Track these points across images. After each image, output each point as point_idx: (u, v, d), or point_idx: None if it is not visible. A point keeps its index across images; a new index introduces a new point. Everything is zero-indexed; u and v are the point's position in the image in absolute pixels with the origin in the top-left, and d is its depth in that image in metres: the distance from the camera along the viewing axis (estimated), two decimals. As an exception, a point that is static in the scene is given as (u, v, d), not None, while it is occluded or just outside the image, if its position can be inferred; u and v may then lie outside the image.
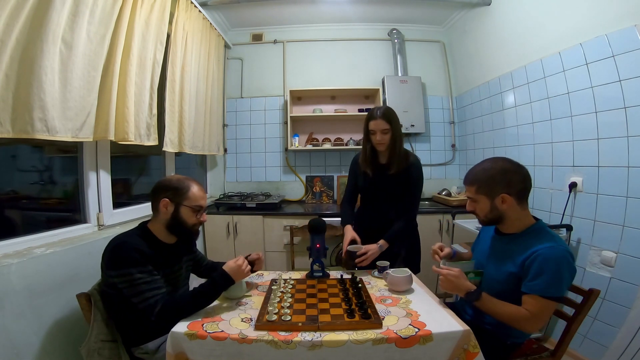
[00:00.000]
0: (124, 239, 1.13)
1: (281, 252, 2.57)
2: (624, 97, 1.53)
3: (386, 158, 1.63)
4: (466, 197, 1.20)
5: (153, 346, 1.17)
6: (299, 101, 3.20)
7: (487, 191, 1.12)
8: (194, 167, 2.99)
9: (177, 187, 1.19)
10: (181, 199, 1.19)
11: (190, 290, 1.14)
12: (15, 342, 1.10)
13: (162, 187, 1.20)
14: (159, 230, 1.21)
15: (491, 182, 1.11)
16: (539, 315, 1.01)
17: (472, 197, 1.16)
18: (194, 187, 1.22)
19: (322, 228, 1.51)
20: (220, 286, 1.14)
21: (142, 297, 1.05)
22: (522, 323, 1.02)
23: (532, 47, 2.12)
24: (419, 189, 1.65)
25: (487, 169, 1.14)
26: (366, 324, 1.00)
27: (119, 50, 1.53)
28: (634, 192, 1.52)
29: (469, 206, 1.20)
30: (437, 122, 3.24)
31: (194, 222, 1.22)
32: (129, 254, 1.07)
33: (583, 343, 1.71)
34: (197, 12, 2.38)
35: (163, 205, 1.18)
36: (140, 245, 1.10)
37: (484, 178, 1.13)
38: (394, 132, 1.56)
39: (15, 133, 1.10)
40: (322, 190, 3.15)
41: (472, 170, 1.19)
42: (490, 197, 1.11)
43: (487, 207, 1.13)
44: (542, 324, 1.05)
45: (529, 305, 1.02)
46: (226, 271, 1.15)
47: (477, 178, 1.15)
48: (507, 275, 1.10)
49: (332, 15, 3.05)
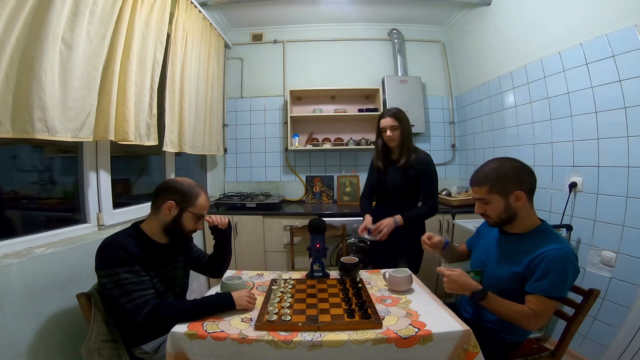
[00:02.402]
0: (111, 238, 1.12)
1: (281, 252, 2.57)
2: (624, 97, 1.53)
3: (397, 154, 1.81)
4: (475, 199, 1.16)
5: (153, 346, 1.17)
6: (299, 101, 3.20)
7: (501, 189, 1.09)
8: (194, 167, 2.99)
9: (187, 193, 1.20)
10: (187, 205, 1.19)
11: (189, 300, 1.14)
12: (15, 341, 1.10)
13: (171, 189, 1.20)
14: (154, 230, 1.20)
15: (504, 179, 1.09)
16: (541, 315, 1.02)
17: (484, 198, 1.12)
18: (203, 196, 1.23)
19: (322, 228, 1.51)
20: (221, 307, 1.11)
21: (128, 297, 1.05)
22: (525, 321, 1.03)
23: (532, 47, 2.12)
24: (434, 182, 1.79)
25: (497, 167, 1.11)
26: (366, 324, 1.00)
27: (119, 50, 1.53)
28: (634, 192, 1.52)
29: (479, 208, 1.16)
30: (437, 122, 3.24)
31: (192, 229, 1.23)
32: (115, 253, 1.06)
33: (583, 343, 1.71)
34: (197, 12, 2.38)
35: (167, 206, 1.17)
36: (129, 245, 1.10)
37: (495, 177, 1.10)
38: (403, 129, 1.74)
39: (15, 133, 1.10)
40: (322, 190, 3.15)
41: (479, 171, 1.15)
42: (504, 196, 1.09)
43: (501, 207, 1.10)
44: (544, 322, 1.06)
45: (532, 304, 1.02)
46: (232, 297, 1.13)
47: (488, 178, 1.11)
48: (512, 275, 1.10)
49: (332, 15, 3.05)
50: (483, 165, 1.17)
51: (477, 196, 1.15)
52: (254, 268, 1.67)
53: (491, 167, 1.13)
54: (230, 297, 1.12)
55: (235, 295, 1.14)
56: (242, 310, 1.12)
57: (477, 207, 1.18)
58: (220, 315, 1.09)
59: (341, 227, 2.32)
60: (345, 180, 3.10)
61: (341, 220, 2.43)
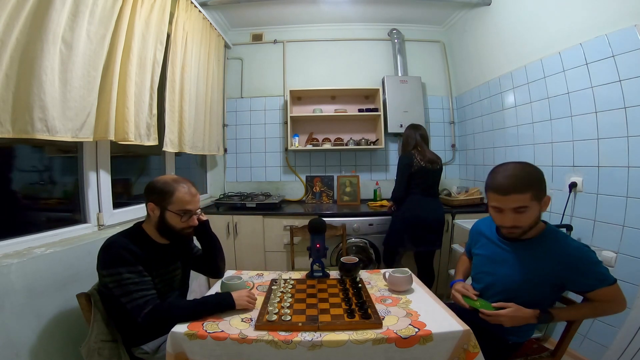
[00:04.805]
0: (115, 238, 1.12)
1: (281, 252, 2.57)
2: (624, 97, 1.53)
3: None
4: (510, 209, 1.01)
5: (153, 346, 1.17)
6: (299, 101, 3.20)
7: (538, 195, 1.01)
8: (194, 167, 3.00)
9: (161, 191, 1.15)
10: (166, 203, 1.15)
11: (189, 300, 1.14)
12: (15, 341, 1.10)
13: (149, 190, 1.18)
14: (152, 230, 1.20)
15: (540, 184, 1.02)
16: (617, 299, 1.03)
17: (525, 206, 1.00)
18: (180, 190, 1.16)
19: (322, 228, 1.51)
20: (221, 307, 1.11)
21: (130, 297, 1.04)
22: (608, 311, 1.06)
23: (532, 47, 2.12)
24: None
25: (529, 172, 1.02)
26: (366, 324, 1.00)
27: (119, 50, 1.53)
28: (634, 192, 1.52)
29: (513, 220, 1.02)
30: (437, 122, 3.24)
31: (181, 227, 1.19)
32: (118, 253, 1.06)
33: (583, 343, 1.71)
34: (197, 12, 2.38)
35: (150, 209, 1.17)
36: (131, 245, 1.10)
37: (537, 181, 1.01)
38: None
39: (15, 133, 1.10)
40: (322, 190, 3.15)
41: (512, 176, 1.01)
42: (539, 202, 1.02)
43: (536, 214, 1.03)
44: (625, 302, 1.04)
45: (602, 296, 1.02)
46: (232, 297, 1.12)
47: (530, 183, 1.00)
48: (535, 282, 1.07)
49: (332, 15, 3.05)
50: (505, 169, 1.04)
51: (516, 205, 1.00)
52: (254, 268, 1.67)
53: (526, 171, 1.02)
54: (230, 297, 1.12)
55: (235, 295, 1.13)
56: (242, 311, 1.12)
57: (510, 219, 1.02)
58: (220, 315, 1.08)
59: (341, 227, 2.32)
60: (345, 180, 3.10)
61: (341, 220, 2.43)
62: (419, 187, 2.21)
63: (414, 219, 2.18)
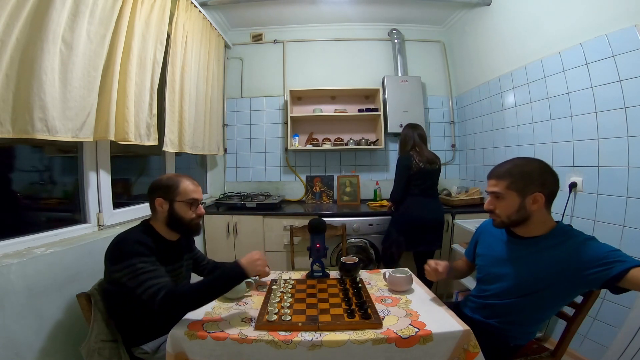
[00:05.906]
0: (126, 234, 1.14)
1: (281, 252, 2.57)
2: (624, 97, 1.53)
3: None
4: (489, 193, 1.10)
5: (153, 346, 1.17)
6: (299, 101, 3.20)
7: (521, 187, 1.03)
8: (194, 167, 2.99)
9: (167, 185, 1.22)
10: (174, 195, 1.20)
11: (197, 282, 1.07)
12: (15, 341, 1.09)
13: (155, 187, 1.23)
14: (161, 227, 1.22)
15: (527, 178, 1.03)
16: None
17: (499, 193, 1.06)
18: (184, 181, 1.24)
19: (322, 228, 1.51)
20: (233, 280, 1.06)
21: (144, 286, 1.00)
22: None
23: (532, 47, 2.12)
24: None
25: (521, 165, 1.06)
26: (366, 324, 1.00)
27: (119, 50, 1.53)
28: (634, 192, 1.52)
29: (490, 204, 1.11)
30: (437, 122, 3.24)
31: (191, 217, 1.23)
32: (132, 247, 1.06)
33: (583, 343, 1.71)
34: (197, 12, 2.38)
35: (158, 204, 1.20)
36: (145, 238, 1.11)
37: (519, 173, 1.04)
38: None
39: (15, 133, 1.10)
40: (322, 190, 3.15)
41: (502, 166, 1.10)
42: (521, 195, 1.03)
43: (515, 207, 1.05)
44: None
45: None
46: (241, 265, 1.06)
47: (510, 172, 1.05)
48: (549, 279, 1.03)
49: (332, 15, 3.05)
50: (507, 161, 1.11)
51: (493, 189, 1.08)
52: (254, 268, 1.67)
53: (515, 164, 1.08)
54: (239, 267, 1.06)
55: (244, 262, 1.07)
56: (242, 310, 1.12)
57: (487, 202, 1.11)
58: (221, 315, 1.09)
59: (341, 227, 2.32)
60: (345, 180, 3.10)
61: (341, 220, 2.43)
62: (418, 188, 2.21)
63: (413, 219, 2.18)
